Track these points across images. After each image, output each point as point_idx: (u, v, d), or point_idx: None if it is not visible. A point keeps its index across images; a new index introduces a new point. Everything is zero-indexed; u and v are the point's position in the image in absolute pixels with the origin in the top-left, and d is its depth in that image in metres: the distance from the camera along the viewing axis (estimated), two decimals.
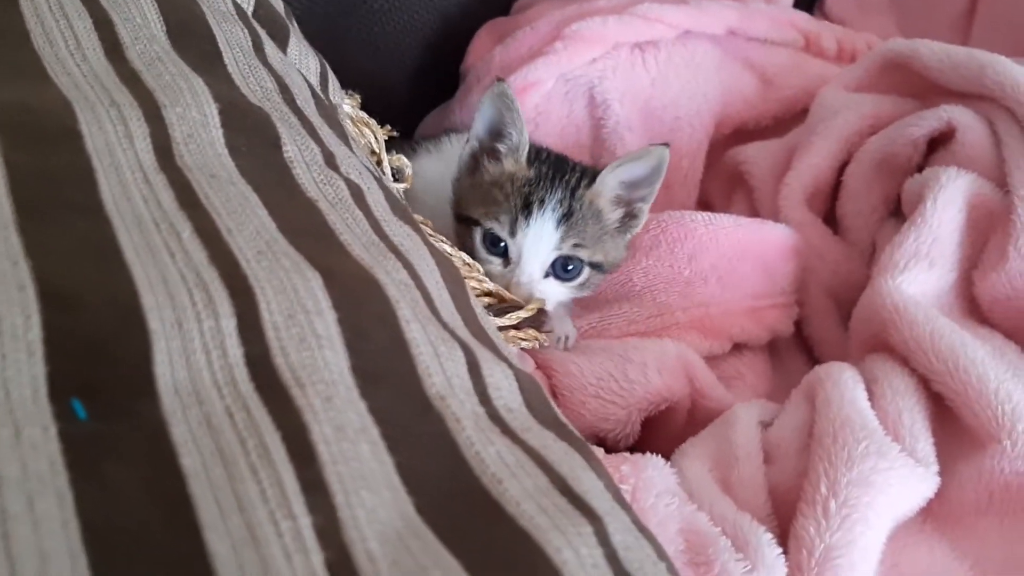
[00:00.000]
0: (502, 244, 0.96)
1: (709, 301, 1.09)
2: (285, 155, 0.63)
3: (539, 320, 0.89)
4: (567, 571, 0.41)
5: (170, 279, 0.48)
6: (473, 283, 0.87)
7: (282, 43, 0.87)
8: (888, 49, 1.28)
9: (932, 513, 0.84)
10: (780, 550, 0.75)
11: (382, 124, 0.97)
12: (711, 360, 1.07)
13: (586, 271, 0.99)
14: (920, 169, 1.19)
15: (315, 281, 0.51)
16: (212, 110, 0.62)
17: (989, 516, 0.83)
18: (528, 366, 0.92)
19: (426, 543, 0.40)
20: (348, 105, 0.93)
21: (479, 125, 1.00)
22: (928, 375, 0.91)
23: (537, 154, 1.00)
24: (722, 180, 1.40)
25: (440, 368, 0.51)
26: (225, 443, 0.41)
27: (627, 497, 0.71)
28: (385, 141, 0.96)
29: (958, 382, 0.88)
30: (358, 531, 0.39)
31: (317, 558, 0.37)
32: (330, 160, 0.66)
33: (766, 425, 0.91)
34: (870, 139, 1.22)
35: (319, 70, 0.89)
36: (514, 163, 0.98)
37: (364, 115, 0.94)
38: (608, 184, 0.98)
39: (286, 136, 0.64)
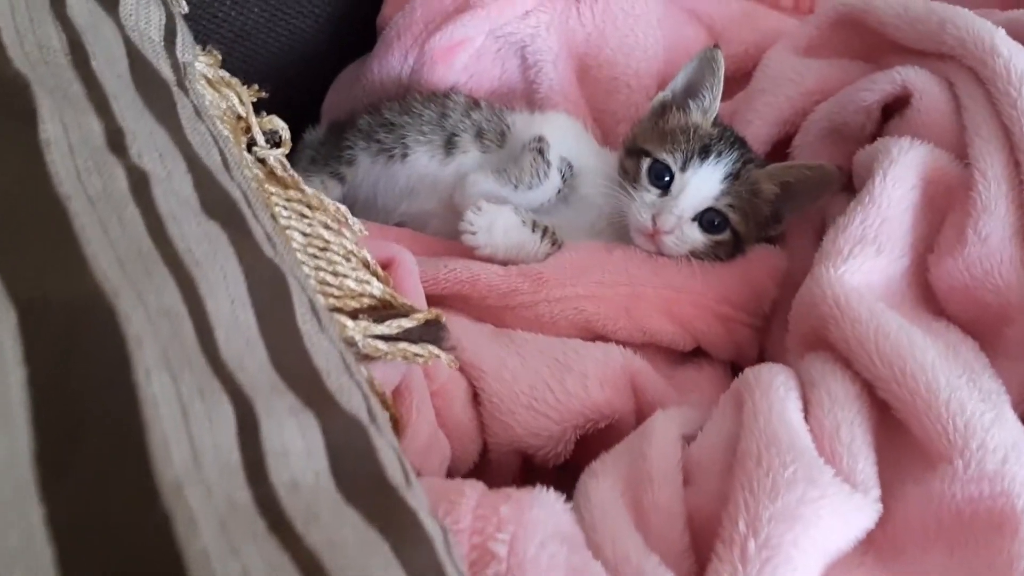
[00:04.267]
0: (667, 178, 0.97)
1: (681, 287, 0.96)
2: (41, 135, 0.46)
3: (437, 334, 0.73)
4: None
5: None
6: (351, 283, 0.70)
7: None
8: (841, 3, 1.11)
9: (874, 543, 0.69)
10: None
11: (283, 86, 0.80)
12: (668, 367, 0.93)
13: (727, 232, 0.98)
14: (873, 138, 1.03)
15: (5, 323, 0.35)
16: None
17: (938, 546, 0.68)
18: (410, 387, 0.76)
19: None
20: (203, 63, 0.75)
21: (680, 80, 1.04)
22: (872, 380, 0.76)
23: (723, 124, 1.03)
24: None
25: (187, 437, 0.35)
26: None
27: (503, 549, 0.56)
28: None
29: (905, 390, 0.73)
30: None
31: None
32: (115, 140, 0.49)
33: (689, 439, 0.76)
34: (818, 106, 1.06)
35: (162, 22, 0.72)
36: (701, 118, 1.01)
37: (225, 75, 0.77)
38: (774, 175, 0.99)
39: (48, 110, 0.47)
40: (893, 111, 1.01)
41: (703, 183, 0.96)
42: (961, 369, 0.76)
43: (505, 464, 0.84)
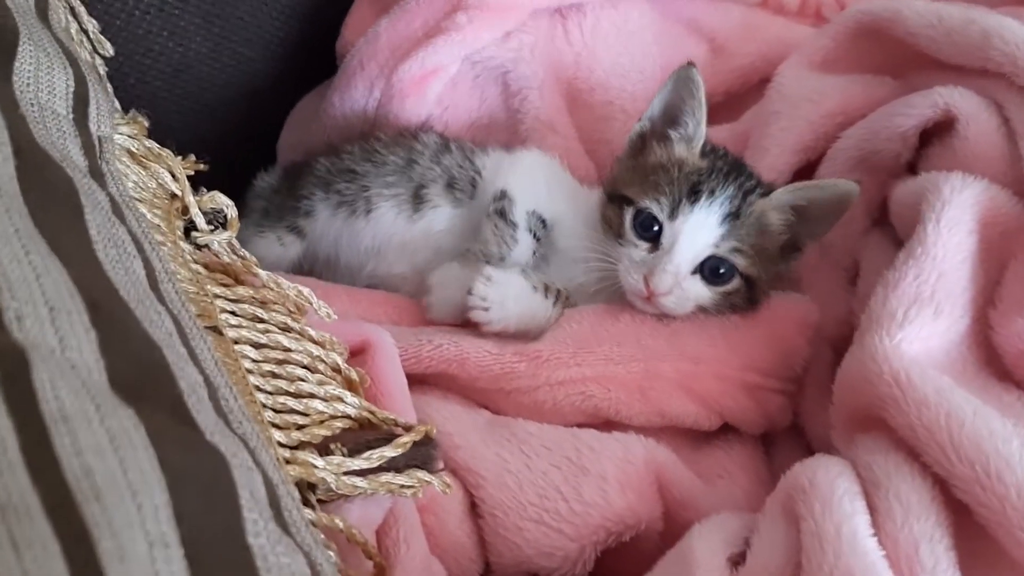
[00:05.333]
0: (655, 228, 0.83)
1: (701, 357, 0.82)
2: None
3: (427, 454, 0.60)
4: None
5: None
6: (318, 405, 0.57)
7: (5, 54, 0.55)
8: (862, 12, 0.99)
9: None
10: None
11: (233, 124, 0.67)
12: (692, 451, 0.81)
13: (736, 280, 0.84)
14: (911, 168, 0.92)
15: None
16: None
17: None
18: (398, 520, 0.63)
19: None
20: (125, 134, 0.61)
21: (656, 106, 0.90)
22: (947, 478, 0.64)
23: (713, 150, 0.89)
24: None
25: None
26: None
27: None
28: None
29: (991, 495, 0.61)
30: None
31: None
32: None
33: (735, 561, 0.64)
34: (845, 133, 0.93)
35: (70, 89, 0.58)
36: (686, 150, 0.87)
37: (153, 147, 0.63)
38: (783, 202, 0.86)
39: None
40: (932, 136, 0.89)
41: (698, 230, 0.82)
42: None
43: None
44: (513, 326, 0.82)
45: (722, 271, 0.83)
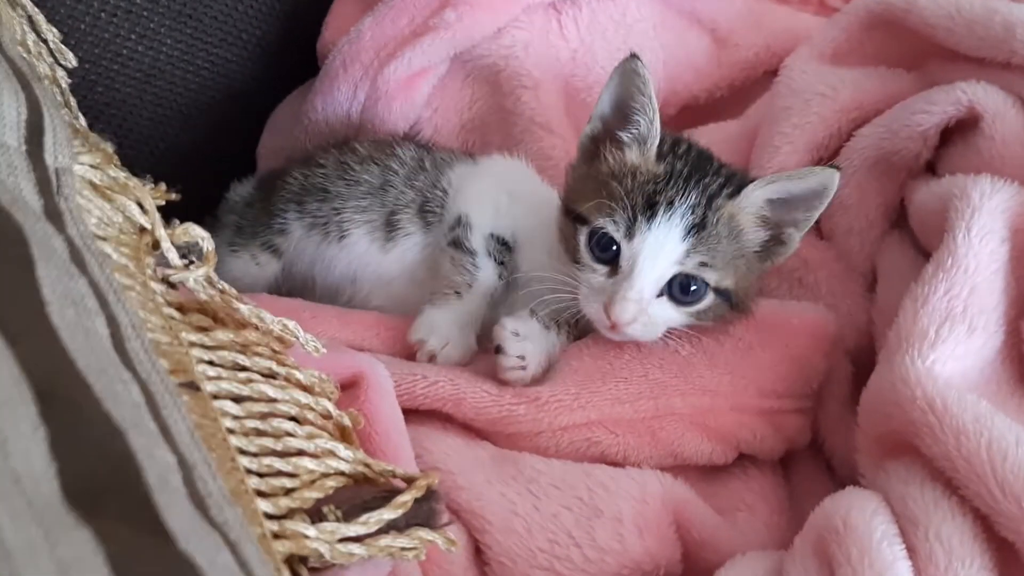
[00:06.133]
0: (613, 249, 0.74)
1: (716, 389, 0.76)
2: None
3: (430, 509, 0.55)
4: None
5: None
6: (308, 463, 0.51)
7: None
8: (874, 1, 0.94)
9: None
10: None
11: (209, 131, 0.61)
12: (708, 483, 0.76)
13: (709, 297, 0.76)
14: (931, 167, 0.87)
15: None
16: None
17: None
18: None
19: None
20: (86, 164, 0.55)
21: (604, 104, 0.79)
22: (990, 515, 0.59)
23: (673, 147, 0.78)
24: None
25: None
26: None
27: None
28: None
29: None
30: None
31: None
32: None
33: None
34: (861, 132, 0.88)
35: (21, 118, 0.52)
36: (639, 155, 0.77)
37: (119, 177, 0.57)
38: (754, 199, 0.76)
39: None
40: (952, 134, 0.84)
41: (659, 249, 0.73)
42: None
43: None
44: (539, 372, 0.77)
45: (693, 288, 0.75)
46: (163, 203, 0.60)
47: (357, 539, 0.51)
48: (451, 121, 1.00)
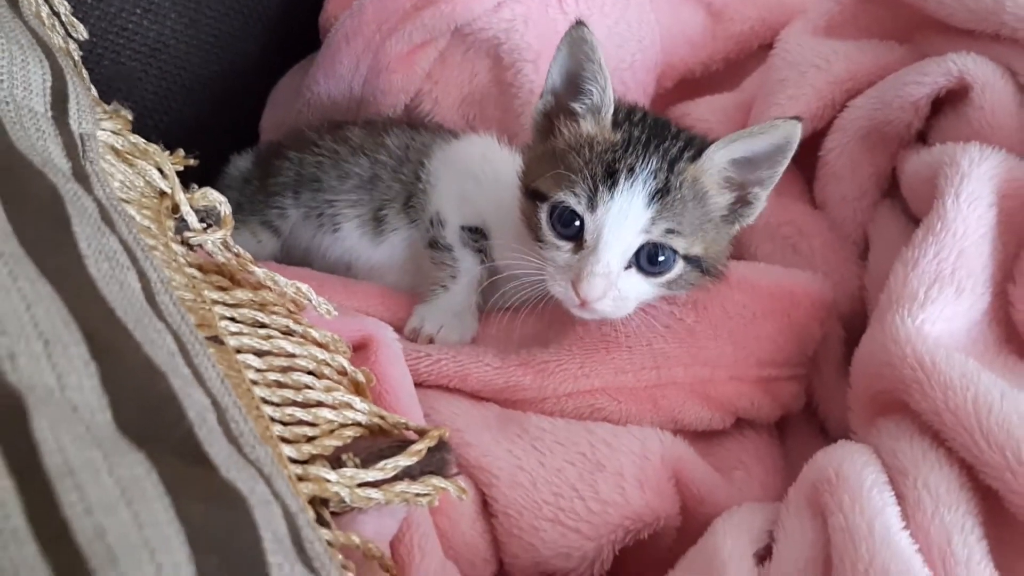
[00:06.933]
0: (576, 223, 0.72)
1: (716, 361, 0.78)
2: None
3: (442, 459, 0.57)
4: None
5: None
6: (327, 414, 0.54)
7: None
8: None
9: None
10: None
11: (212, 104, 0.63)
12: (706, 443, 0.78)
13: (679, 265, 0.74)
14: (922, 137, 0.89)
15: None
16: None
17: None
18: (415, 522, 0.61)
19: None
20: (108, 130, 0.58)
21: (554, 76, 0.77)
22: (976, 465, 0.62)
23: (628, 115, 0.76)
24: None
25: None
26: None
27: None
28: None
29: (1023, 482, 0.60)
30: None
31: None
32: None
33: (761, 556, 0.62)
34: (854, 102, 0.91)
35: (47, 84, 0.54)
36: (595, 125, 0.75)
37: (139, 142, 0.59)
38: (717, 161, 0.74)
39: None
40: (943, 104, 0.87)
41: (623, 218, 0.71)
42: None
43: None
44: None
45: (661, 258, 0.73)
46: (180, 169, 0.62)
47: (375, 484, 0.54)
48: (451, 95, 1.02)
